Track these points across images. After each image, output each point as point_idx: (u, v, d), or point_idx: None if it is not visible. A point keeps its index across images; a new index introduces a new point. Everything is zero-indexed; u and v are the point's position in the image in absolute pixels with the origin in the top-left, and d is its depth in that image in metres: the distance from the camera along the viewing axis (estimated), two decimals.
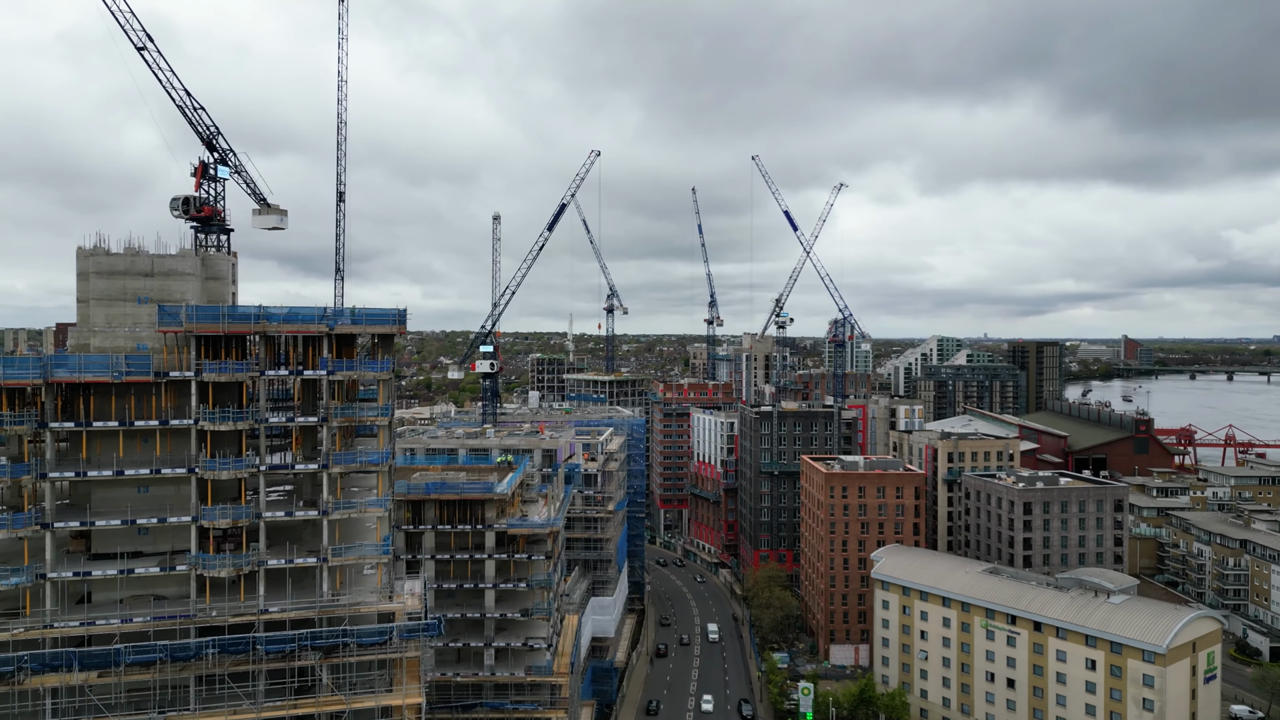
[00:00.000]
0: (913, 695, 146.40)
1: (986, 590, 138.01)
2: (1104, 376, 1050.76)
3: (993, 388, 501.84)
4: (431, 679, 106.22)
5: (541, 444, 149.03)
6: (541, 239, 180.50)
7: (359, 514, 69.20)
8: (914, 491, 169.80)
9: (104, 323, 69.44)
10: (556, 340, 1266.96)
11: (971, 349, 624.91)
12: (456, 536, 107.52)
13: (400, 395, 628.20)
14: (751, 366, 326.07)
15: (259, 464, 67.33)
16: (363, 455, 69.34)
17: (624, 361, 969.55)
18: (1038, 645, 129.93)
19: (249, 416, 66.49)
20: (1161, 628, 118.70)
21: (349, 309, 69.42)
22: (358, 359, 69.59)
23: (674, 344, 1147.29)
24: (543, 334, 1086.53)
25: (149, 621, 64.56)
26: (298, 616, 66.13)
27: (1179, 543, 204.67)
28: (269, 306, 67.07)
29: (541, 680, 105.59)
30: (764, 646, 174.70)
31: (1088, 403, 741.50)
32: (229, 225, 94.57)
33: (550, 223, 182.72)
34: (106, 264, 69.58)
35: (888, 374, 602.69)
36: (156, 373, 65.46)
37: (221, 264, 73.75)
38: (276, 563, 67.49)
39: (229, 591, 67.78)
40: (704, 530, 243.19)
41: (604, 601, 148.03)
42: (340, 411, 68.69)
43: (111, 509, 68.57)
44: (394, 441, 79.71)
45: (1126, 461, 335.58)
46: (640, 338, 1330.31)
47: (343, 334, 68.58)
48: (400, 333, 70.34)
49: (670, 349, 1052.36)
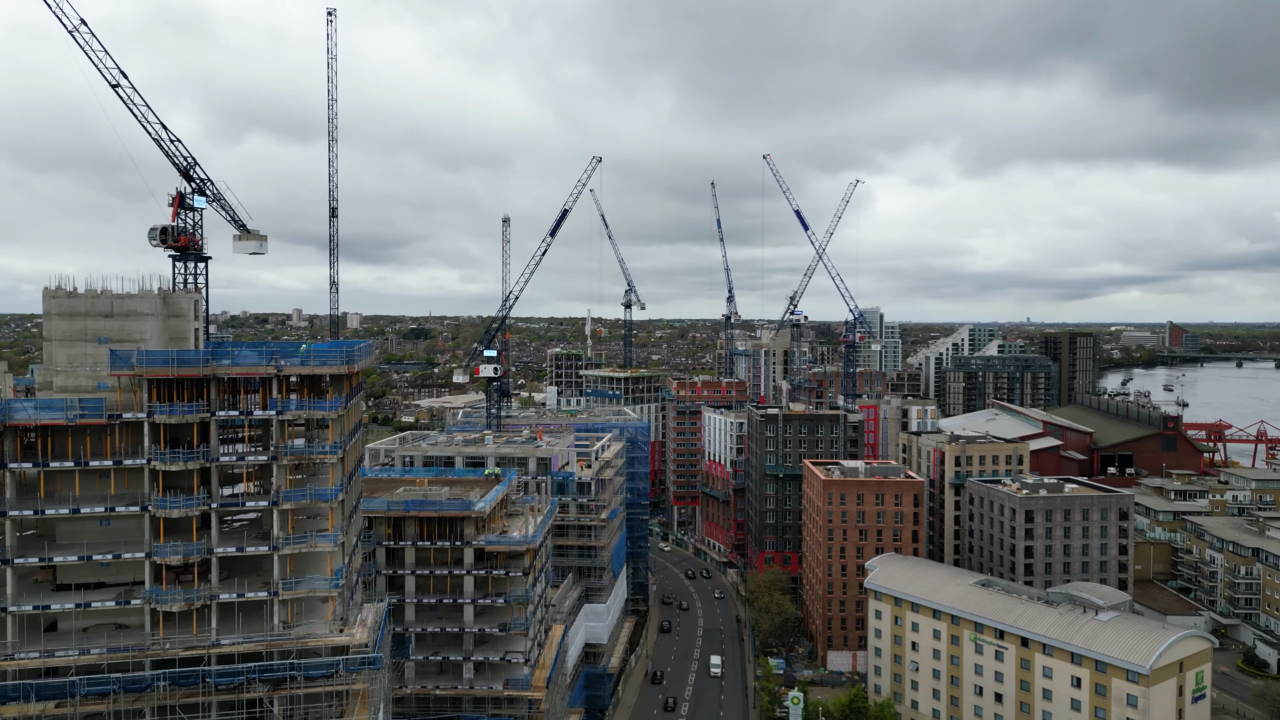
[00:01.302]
0: (904, 706, 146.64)
1: (976, 603, 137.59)
2: (1147, 364, 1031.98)
3: (1024, 379, 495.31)
4: (411, 691, 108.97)
5: (537, 452, 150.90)
6: (544, 244, 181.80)
7: (310, 549, 71.22)
8: (913, 499, 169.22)
9: (66, 362, 71.99)
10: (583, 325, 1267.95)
11: (1004, 339, 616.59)
12: (436, 552, 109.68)
13: (433, 384, 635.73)
14: (770, 362, 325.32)
15: (211, 502, 69.65)
16: (313, 492, 71.34)
17: (655, 348, 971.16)
18: (1025, 661, 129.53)
19: (200, 456, 68.76)
20: (1146, 648, 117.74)
21: (299, 349, 71.23)
22: (308, 399, 71.47)
23: (708, 330, 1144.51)
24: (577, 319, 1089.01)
25: (104, 654, 67.26)
26: (247, 650, 68.50)
27: (1192, 549, 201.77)
28: (218, 349, 69.13)
29: (518, 694, 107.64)
30: (764, 651, 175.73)
31: (1126, 392, 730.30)
32: (206, 253, 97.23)
33: (553, 228, 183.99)
34: (68, 305, 72.06)
35: (918, 364, 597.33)
36: (110, 415, 67.91)
37: (183, 302, 75.92)
38: (229, 596, 69.88)
39: (185, 623, 70.27)
40: (714, 529, 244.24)
41: (597, 608, 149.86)
42: (290, 450, 70.70)
43: (75, 541, 71.41)
44: (352, 473, 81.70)
45: (1153, 459, 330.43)
46: (675, 323, 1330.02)
47: (296, 374, 70.46)
48: (350, 371, 72.00)
49: (703, 335, 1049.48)
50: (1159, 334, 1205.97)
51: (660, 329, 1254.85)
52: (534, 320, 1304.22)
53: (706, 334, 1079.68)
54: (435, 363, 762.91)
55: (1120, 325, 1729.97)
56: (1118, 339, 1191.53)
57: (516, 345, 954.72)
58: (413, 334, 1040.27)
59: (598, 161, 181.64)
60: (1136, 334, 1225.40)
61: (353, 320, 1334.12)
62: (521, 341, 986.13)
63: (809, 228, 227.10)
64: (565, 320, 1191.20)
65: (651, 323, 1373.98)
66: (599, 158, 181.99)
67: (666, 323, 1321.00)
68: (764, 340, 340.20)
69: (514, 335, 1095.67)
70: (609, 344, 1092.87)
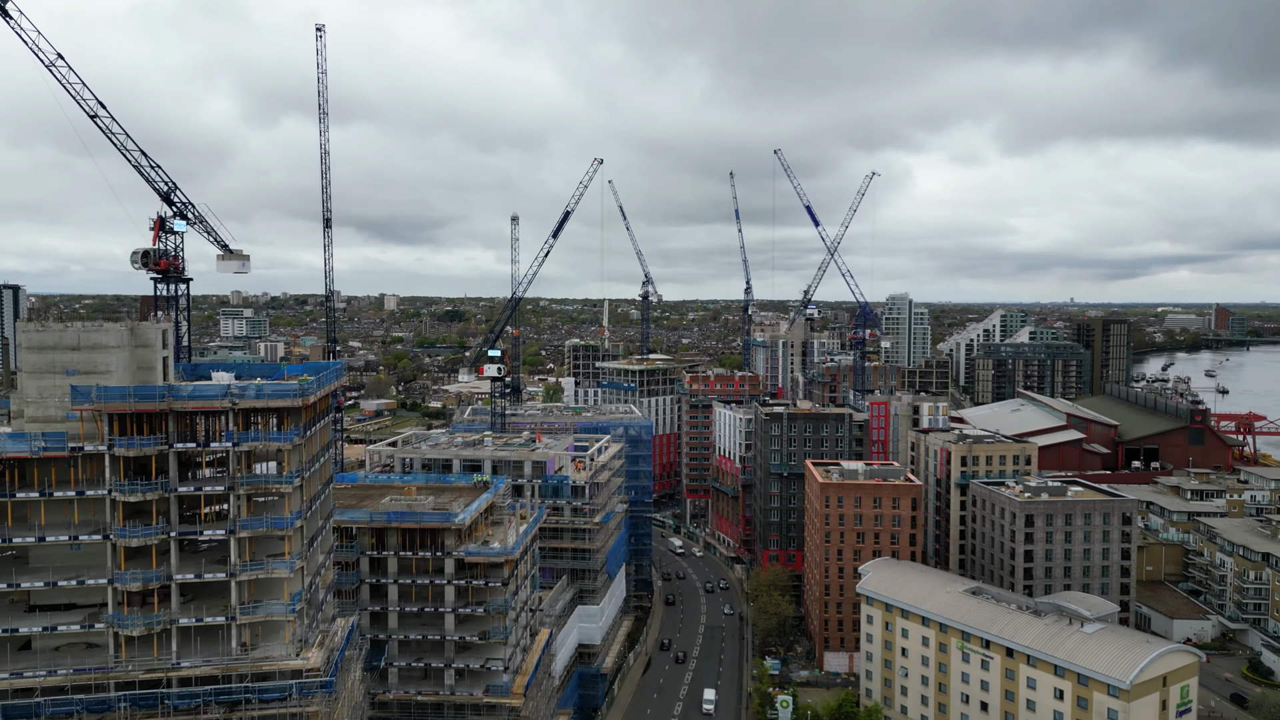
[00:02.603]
0: (894, 710, 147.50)
1: (964, 612, 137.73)
2: (1191, 348, 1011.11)
3: (1054, 367, 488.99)
4: (394, 696, 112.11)
5: (532, 456, 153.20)
6: (547, 245, 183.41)
7: (267, 574, 73.90)
8: (911, 503, 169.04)
9: (36, 394, 74.99)
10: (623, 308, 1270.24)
11: (1037, 325, 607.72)
12: (418, 562, 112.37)
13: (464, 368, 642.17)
14: (788, 353, 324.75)
15: (170, 531, 72.50)
16: (270, 521, 73.91)
17: (686, 331, 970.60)
18: (1010, 671, 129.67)
19: (159, 487, 71.58)
20: (1127, 662, 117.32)
21: (254, 385, 73.55)
22: (265, 430, 73.90)
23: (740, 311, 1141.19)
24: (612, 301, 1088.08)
25: (70, 675, 70.57)
26: (205, 673, 71.47)
27: (1203, 551, 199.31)
28: (174, 385, 71.72)
29: (498, 702, 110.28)
30: (764, 650, 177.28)
31: (1166, 378, 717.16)
32: (187, 275, 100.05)
33: (555, 230, 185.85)
34: (37, 339, 74.99)
35: (949, 350, 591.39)
36: (72, 447, 70.88)
37: (150, 332, 78.56)
38: (188, 621, 72.84)
39: (147, 646, 73.30)
40: (724, 523, 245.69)
41: (590, 610, 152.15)
42: (246, 480, 73.27)
43: (48, 564, 74.81)
44: (319, 494, 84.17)
45: (1180, 453, 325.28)
46: (710, 304, 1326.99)
47: (248, 408, 72.91)
48: (304, 405, 74.18)
49: (736, 318, 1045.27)
50: (1205, 316, 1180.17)
51: (693, 310, 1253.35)
52: (568, 302, 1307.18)
53: (739, 316, 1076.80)
54: (467, 345, 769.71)
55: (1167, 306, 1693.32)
56: (1162, 321, 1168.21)
57: (549, 328, 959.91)
58: (447, 316, 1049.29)
59: (599, 163, 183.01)
60: (1181, 317, 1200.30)
61: (390, 302, 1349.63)
62: (554, 325, 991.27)
63: (819, 223, 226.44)
64: (599, 302, 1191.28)
65: (685, 304, 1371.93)
66: (600, 160, 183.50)
67: (700, 304, 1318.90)
68: (781, 331, 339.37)
69: (547, 318, 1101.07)
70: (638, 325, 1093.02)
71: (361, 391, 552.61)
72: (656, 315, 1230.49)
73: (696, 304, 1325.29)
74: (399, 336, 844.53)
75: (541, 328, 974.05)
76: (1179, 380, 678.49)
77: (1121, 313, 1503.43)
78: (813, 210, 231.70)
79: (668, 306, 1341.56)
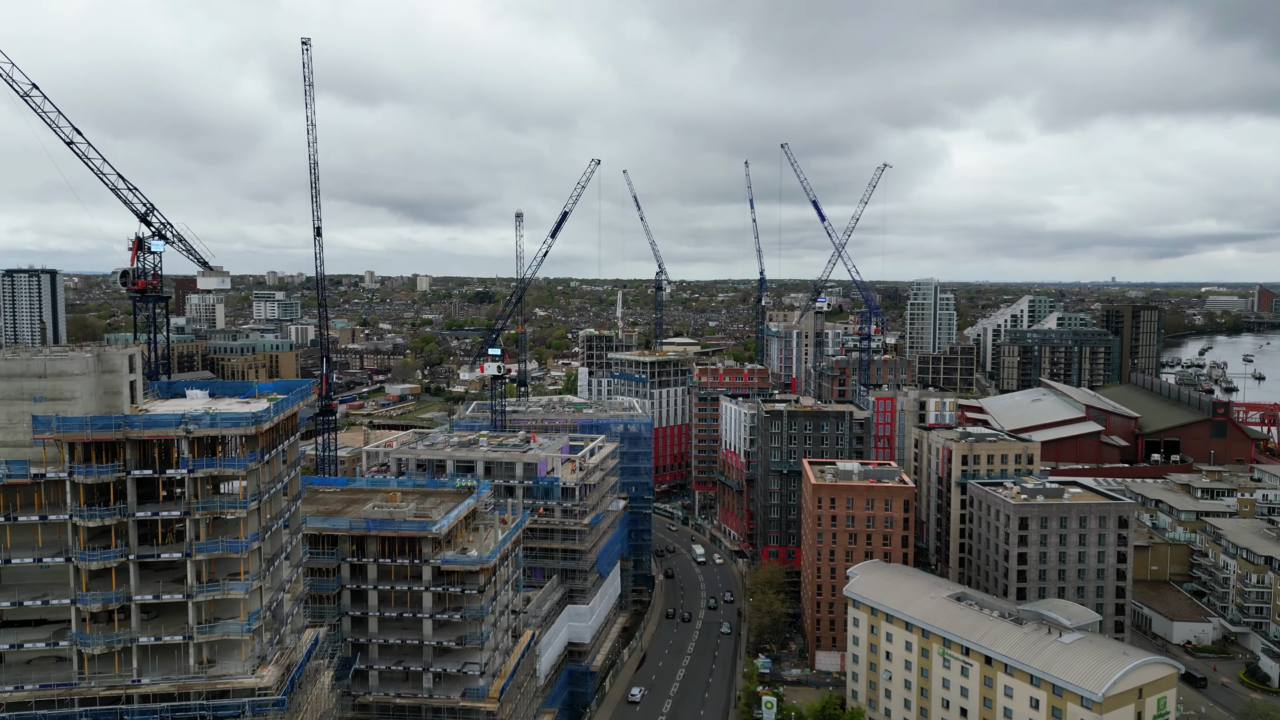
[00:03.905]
0: (878, 713, 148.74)
1: (946, 618, 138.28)
2: (1231, 330, 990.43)
3: (1082, 354, 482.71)
4: (374, 699, 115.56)
5: (524, 457, 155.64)
6: (546, 245, 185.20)
7: (223, 595, 76.94)
8: (903, 505, 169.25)
9: (6, 420, 78.26)
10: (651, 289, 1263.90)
11: (1066, 310, 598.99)
12: (397, 569, 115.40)
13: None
14: (801, 344, 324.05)
15: (129, 554, 75.71)
16: (225, 544, 76.82)
17: (714, 314, 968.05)
18: (988, 679, 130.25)
19: (117, 512, 74.74)
20: (1101, 674, 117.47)
21: (208, 414, 76.20)
22: (220, 457, 76.65)
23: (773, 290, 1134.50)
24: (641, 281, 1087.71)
25: (35, 691, 74.15)
26: (161, 690, 74.73)
27: (1208, 552, 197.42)
28: (130, 415, 74.64)
29: (473, 705, 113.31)
30: (759, 648, 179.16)
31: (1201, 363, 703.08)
32: (165, 293, 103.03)
33: (553, 230, 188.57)
34: (5, 367, 78.17)
35: (976, 335, 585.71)
36: (35, 475, 74.09)
37: (116, 359, 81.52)
38: (147, 639, 76.10)
39: (110, 663, 76.67)
40: (729, 516, 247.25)
41: (580, 609, 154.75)
42: (202, 505, 76.19)
43: (20, 582, 78.52)
44: (283, 512, 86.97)
45: (1201, 446, 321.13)
46: (740, 283, 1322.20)
47: (202, 436, 75.65)
48: (259, 432, 76.78)
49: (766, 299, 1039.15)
50: (1248, 297, 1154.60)
51: (724, 291, 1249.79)
52: (598, 282, 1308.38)
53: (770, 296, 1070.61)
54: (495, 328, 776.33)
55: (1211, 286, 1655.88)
56: (1203, 303, 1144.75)
57: (577, 310, 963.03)
58: (477, 297, 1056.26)
59: (596, 164, 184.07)
60: (1223, 298, 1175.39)
61: (422, 283, 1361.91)
62: (582, 306, 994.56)
63: (825, 219, 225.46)
64: (630, 282, 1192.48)
65: (716, 284, 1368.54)
66: (598, 160, 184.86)
67: (731, 284, 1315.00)
68: (794, 321, 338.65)
69: (575, 300, 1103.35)
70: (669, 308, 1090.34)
71: (388, 375, 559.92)
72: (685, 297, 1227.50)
73: (728, 284, 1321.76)
74: (428, 319, 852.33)
75: (570, 310, 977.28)
76: (1214, 366, 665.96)
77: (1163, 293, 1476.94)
78: (818, 204, 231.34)
79: (698, 288, 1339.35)
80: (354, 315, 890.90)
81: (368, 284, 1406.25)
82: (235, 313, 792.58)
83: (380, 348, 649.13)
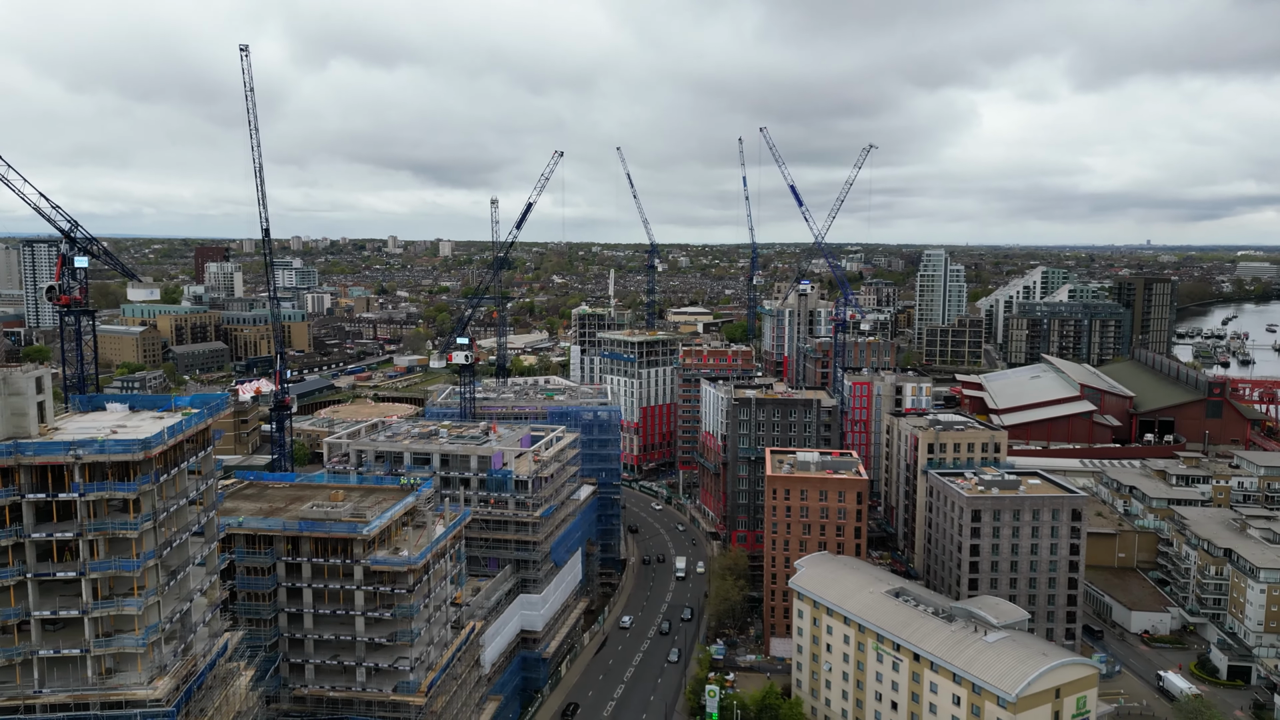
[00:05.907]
0: (819, 702, 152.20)
1: (881, 614, 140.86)
2: (1260, 298, 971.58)
3: (1092, 327, 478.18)
4: (309, 692, 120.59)
5: (479, 451, 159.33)
6: (512, 235, 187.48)
7: (118, 611, 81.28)
8: (856, 497, 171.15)
9: None
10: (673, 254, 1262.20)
11: (1082, 282, 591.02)
12: (329, 569, 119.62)
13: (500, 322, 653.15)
14: (794, 323, 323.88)
15: (27, 572, 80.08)
16: (118, 563, 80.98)
17: (732, 281, 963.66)
18: (916, 675, 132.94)
19: (13, 534, 79.03)
20: (1017, 675, 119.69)
21: (97, 441, 79.91)
22: (110, 481, 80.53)
23: (792, 258, 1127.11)
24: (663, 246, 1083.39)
25: None
26: (58, 701, 79.42)
27: (1173, 541, 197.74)
28: (23, 443, 78.60)
29: (402, 699, 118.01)
30: (716, 634, 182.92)
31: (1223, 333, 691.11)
32: (90, 307, 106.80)
33: (518, 221, 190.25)
34: None
35: (988, 306, 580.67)
36: None
37: (22, 382, 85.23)
38: (47, 652, 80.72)
39: (11, 675, 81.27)
40: (708, 497, 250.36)
41: (533, 598, 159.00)
42: (93, 527, 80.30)
43: None
44: (193, 524, 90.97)
45: (1196, 425, 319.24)
46: (766, 247, 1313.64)
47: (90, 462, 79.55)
48: (147, 457, 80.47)
49: (786, 265, 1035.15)
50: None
51: (745, 256, 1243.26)
52: (619, 246, 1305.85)
53: (790, 263, 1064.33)
54: (510, 296, 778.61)
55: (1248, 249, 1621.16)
56: (1234, 269, 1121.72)
57: (594, 278, 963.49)
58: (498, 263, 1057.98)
59: (559, 156, 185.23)
60: (1255, 265, 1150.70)
61: (444, 248, 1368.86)
62: (600, 273, 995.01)
63: (803, 203, 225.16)
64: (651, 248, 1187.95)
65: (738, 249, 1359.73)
66: (560, 152, 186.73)
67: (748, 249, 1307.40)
68: (791, 301, 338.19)
69: (594, 266, 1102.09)
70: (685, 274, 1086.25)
71: (399, 346, 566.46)
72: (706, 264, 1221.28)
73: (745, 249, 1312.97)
74: (445, 286, 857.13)
75: (587, 276, 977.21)
76: (1234, 336, 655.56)
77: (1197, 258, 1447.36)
78: (797, 190, 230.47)
79: (719, 253, 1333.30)
80: (372, 283, 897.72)
81: (391, 249, 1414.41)
82: (256, 279, 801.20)
83: (394, 317, 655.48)
